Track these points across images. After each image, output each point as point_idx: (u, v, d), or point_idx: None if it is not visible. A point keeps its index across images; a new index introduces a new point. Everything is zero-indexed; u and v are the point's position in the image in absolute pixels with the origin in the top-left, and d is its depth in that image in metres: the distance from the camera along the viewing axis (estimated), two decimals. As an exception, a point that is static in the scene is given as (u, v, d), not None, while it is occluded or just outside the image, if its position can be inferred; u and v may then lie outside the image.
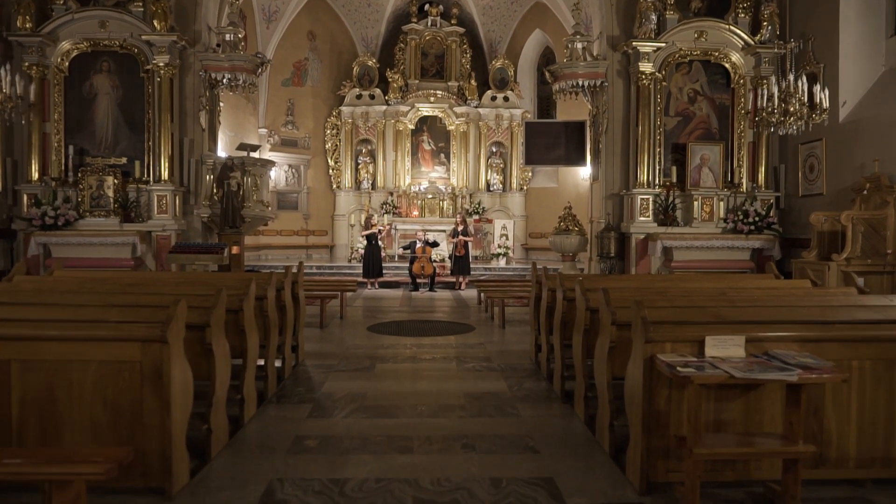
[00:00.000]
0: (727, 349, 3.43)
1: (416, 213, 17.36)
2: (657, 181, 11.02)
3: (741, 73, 11.04)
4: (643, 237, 10.95)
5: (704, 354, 3.43)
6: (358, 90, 17.73)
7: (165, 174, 10.66)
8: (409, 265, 13.58)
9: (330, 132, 18.13)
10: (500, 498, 3.42)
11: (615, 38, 11.35)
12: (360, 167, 17.92)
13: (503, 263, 15.85)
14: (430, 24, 17.84)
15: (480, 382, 5.85)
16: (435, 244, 14.00)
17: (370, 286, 13.59)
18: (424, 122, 17.85)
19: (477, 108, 17.84)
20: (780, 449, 3.28)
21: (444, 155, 18.01)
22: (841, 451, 3.57)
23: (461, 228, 13.59)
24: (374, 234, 13.61)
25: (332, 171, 18.11)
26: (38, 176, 10.47)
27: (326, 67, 18.44)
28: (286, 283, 6.13)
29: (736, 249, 10.78)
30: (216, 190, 11.24)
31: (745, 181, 11.11)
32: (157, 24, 10.45)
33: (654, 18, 10.80)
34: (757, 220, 10.71)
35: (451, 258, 14.02)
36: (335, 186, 18.06)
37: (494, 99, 17.95)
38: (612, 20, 11.37)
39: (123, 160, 10.74)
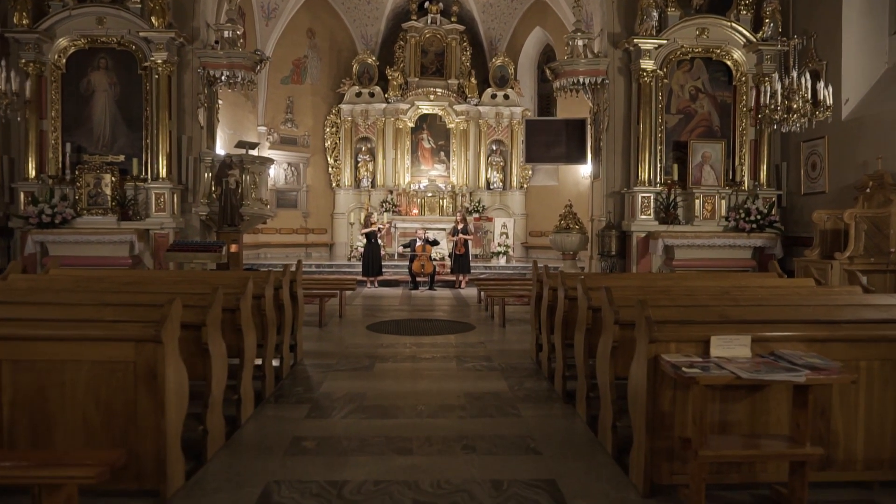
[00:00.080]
0: (733, 349, 3.37)
1: (415, 211, 17.29)
2: (658, 179, 10.97)
3: (743, 70, 10.99)
4: (644, 235, 10.89)
5: (710, 354, 3.38)
6: (357, 88, 17.64)
7: (163, 172, 10.60)
8: (408, 263, 13.52)
9: (329, 130, 18.05)
10: (501, 500, 3.36)
11: (616, 35, 11.29)
12: (359, 165, 17.84)
13: (503, 262, 15.79)
14: (429, 21, 17.74)
15: (481, 382, 5.79)
16: (435, 242, 13.94)
17: (370, 285, 13.53)
18: (424, 119, 17.76)
19: (477, 105, 17.74)
20: (786, 451, 3.22)
21: (443, 153, 17.93)
22: (848, 452, 3.51)
23: (461, 227, 13.53)
24: (373, 232, 13.54)
25: (331, 169, 18.03)
26: (34, 174, 10.42)
27: (326, 65, 18.37)
28: (284, 281, 6.08)
29: (737, 248, 10.73)
30: (215, 188, 11.20)
31: (746, 179, 11.06)
32: (154, 20, 10.38)
33: (655, 15, 10.74)
34: (759, 218, 10.66)
35: (451, 256, 13.96)
36: (335, 184, 17.99)
37: (494, 97, 17.85)
38: (612, 17, 11.31)
39: (121, 158, 10.69)
